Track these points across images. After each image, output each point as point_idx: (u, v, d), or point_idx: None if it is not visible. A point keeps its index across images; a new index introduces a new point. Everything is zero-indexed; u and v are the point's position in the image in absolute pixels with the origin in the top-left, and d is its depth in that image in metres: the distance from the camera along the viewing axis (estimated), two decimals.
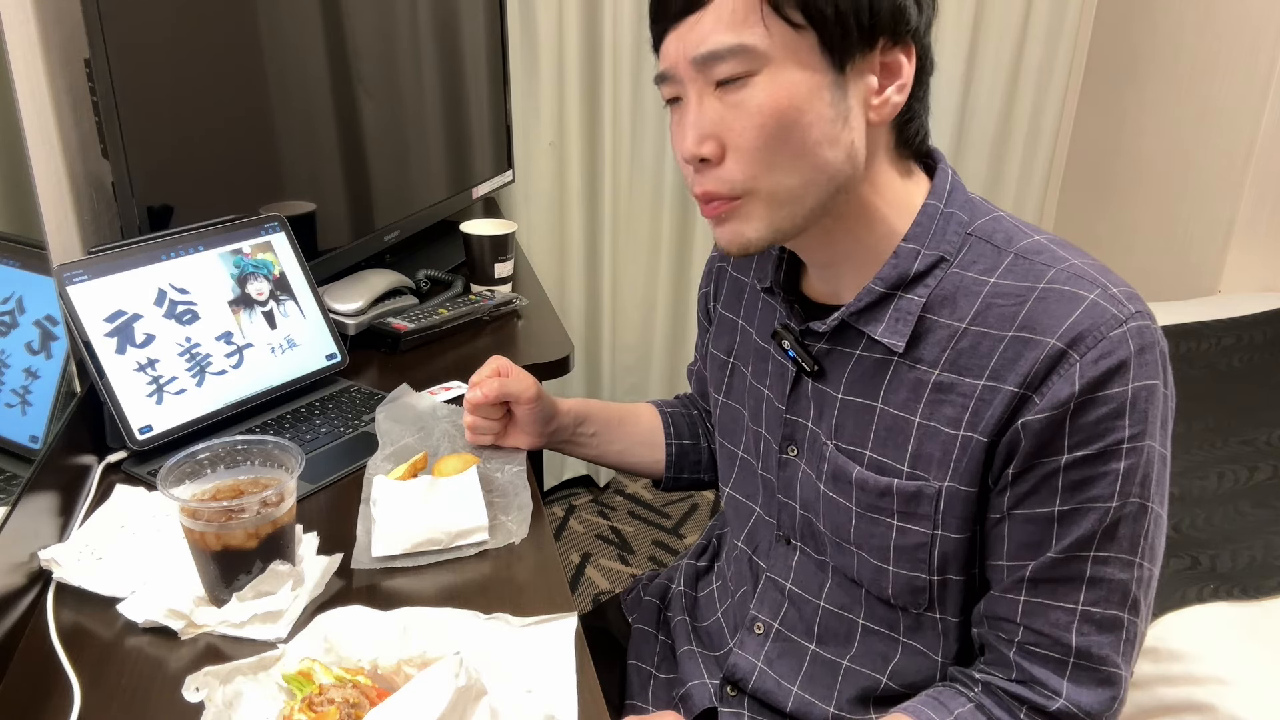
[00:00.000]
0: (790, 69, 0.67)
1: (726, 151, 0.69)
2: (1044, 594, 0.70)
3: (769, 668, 0.86)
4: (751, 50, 0.66)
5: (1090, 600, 0.69)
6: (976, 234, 0.74)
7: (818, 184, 0.70)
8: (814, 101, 0.67)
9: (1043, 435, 0.67)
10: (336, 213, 1.41)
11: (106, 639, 0.76)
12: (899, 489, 0.74)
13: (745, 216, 0.71)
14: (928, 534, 0.74)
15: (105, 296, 0.97)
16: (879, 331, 0.74)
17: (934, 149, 0.78)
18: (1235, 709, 1.10)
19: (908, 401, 0.74)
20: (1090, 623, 0.69)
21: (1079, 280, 0.68)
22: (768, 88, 0.67)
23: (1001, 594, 0.73)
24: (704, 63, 0.67)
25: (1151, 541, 0.69)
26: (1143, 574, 0.69)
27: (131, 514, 0.90)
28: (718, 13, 0.66)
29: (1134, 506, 0.67)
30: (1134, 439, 0.66)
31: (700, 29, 0.67)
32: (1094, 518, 0.67)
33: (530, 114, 2.10)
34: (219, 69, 1.16)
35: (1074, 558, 0.69)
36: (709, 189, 0.71)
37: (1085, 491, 0.67)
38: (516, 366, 1.00)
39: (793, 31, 0.66)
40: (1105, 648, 0.69)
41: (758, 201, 0.70)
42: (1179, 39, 2.30)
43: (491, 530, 0.88)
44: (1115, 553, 0.68)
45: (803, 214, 0.71)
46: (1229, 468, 1.56)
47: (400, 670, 0.67)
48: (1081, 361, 0.65)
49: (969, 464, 0.71)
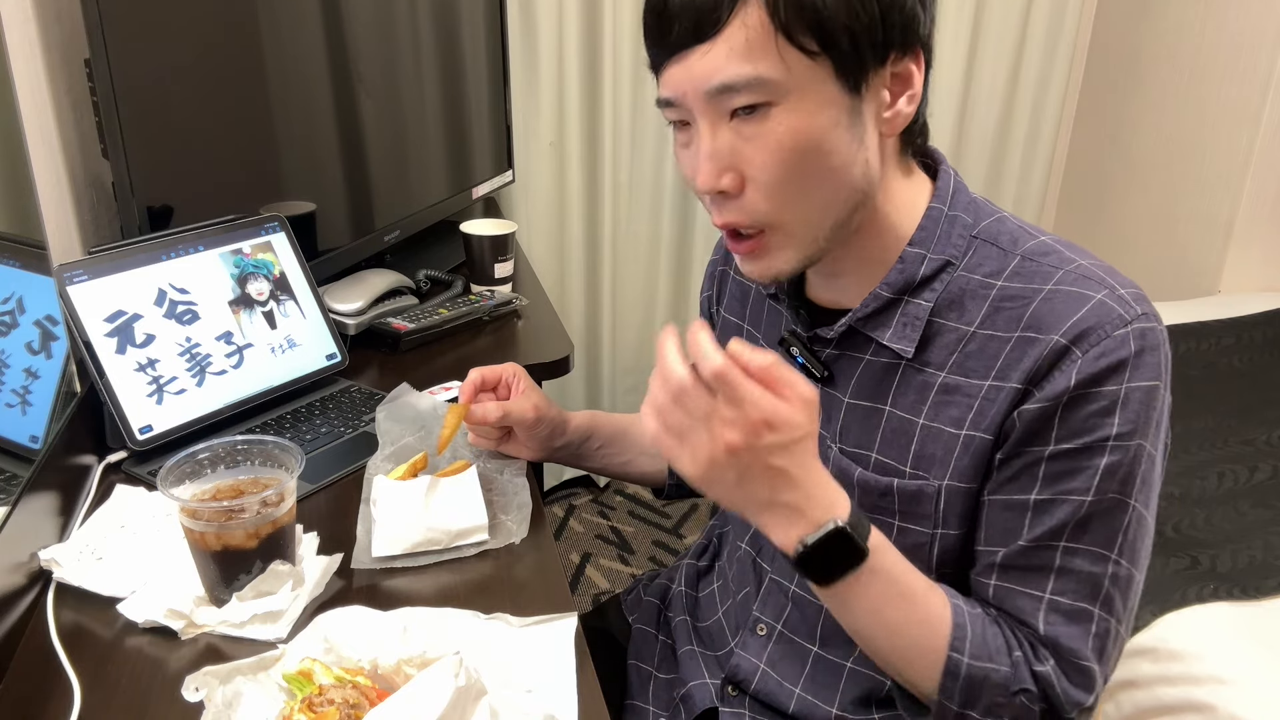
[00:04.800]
0: (809, 99, 0.65)
1: (746, 183, 0.68)
2: (1013, 580, 0.71)
3: (771, 669, 0.86)
4: (768, 82, 0.64)
5: (1057, 590, 0.69)
6: (982, 236, 0.74)
7: (837, 206, 0.70)
8: (833, 130, 0.66)
9: (1033, 424, 0.68)
10: (336, 213, 1.41)
11: (106, 639, 0.76)
12: (899, 489, 0.74)
13: (774, 249, 0.71)
14: (928, 533, 0.74)
15: (105, 296, 0.97)
16: (887, 337, 0.74)
17: (934, 149, 0.78)
18: (1235, 709, 1.11)
19: (914, 404, 0.74)
20: (1057, 612, 0.69)
21: (1086, 281, 0.69)
22: (787, 120, 0.65)
23: (975, 577, 0.73)
24: (718, 94, 0.65)
25: (1132, 540, 0.69)
26: (1119, 571, 0.69)
27: (131, 514, 0.90)
28: (730, 43, 0.64)
29: (1110, 502, 0.67)
30: (1121, 437, 0.66)
31: (711, 60, 0.65)
32: (1068, 509, 0.68)
33: (530, 114, 2.10)
34: (219, 69, 1.16)
35: (1044, 547, 0.69)
36: (731, 220, 0.70)
37: (1063, 483, 0.68)
38: (527, 381, 0.99)
39: (808, 60, 0.64)
40: (1074, 640, 0.69)
41: (783, 233, 0.70)
42: (1179, 39, 2.30)
43: (491, 530, 0.88)
44: (1087, 545, 0.68)
45: (825, 237, 0.71)
46: (1229, 468, 1.56)
47: (400, 670, 0.67)
48: (1083, 358, 0.66)
49: (970, 462, 0.71)
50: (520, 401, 0.96)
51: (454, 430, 0.93)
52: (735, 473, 0.63)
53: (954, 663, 0.68)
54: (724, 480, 0.64)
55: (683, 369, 0.62)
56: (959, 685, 0.68)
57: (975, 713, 0.69)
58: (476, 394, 0.97)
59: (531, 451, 1.00)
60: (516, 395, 0.97)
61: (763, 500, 0.65)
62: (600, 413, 1.06)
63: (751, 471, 0.63)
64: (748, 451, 0.61)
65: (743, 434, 0.61)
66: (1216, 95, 2.21)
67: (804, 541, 0.65)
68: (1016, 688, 0.68)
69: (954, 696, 0.69)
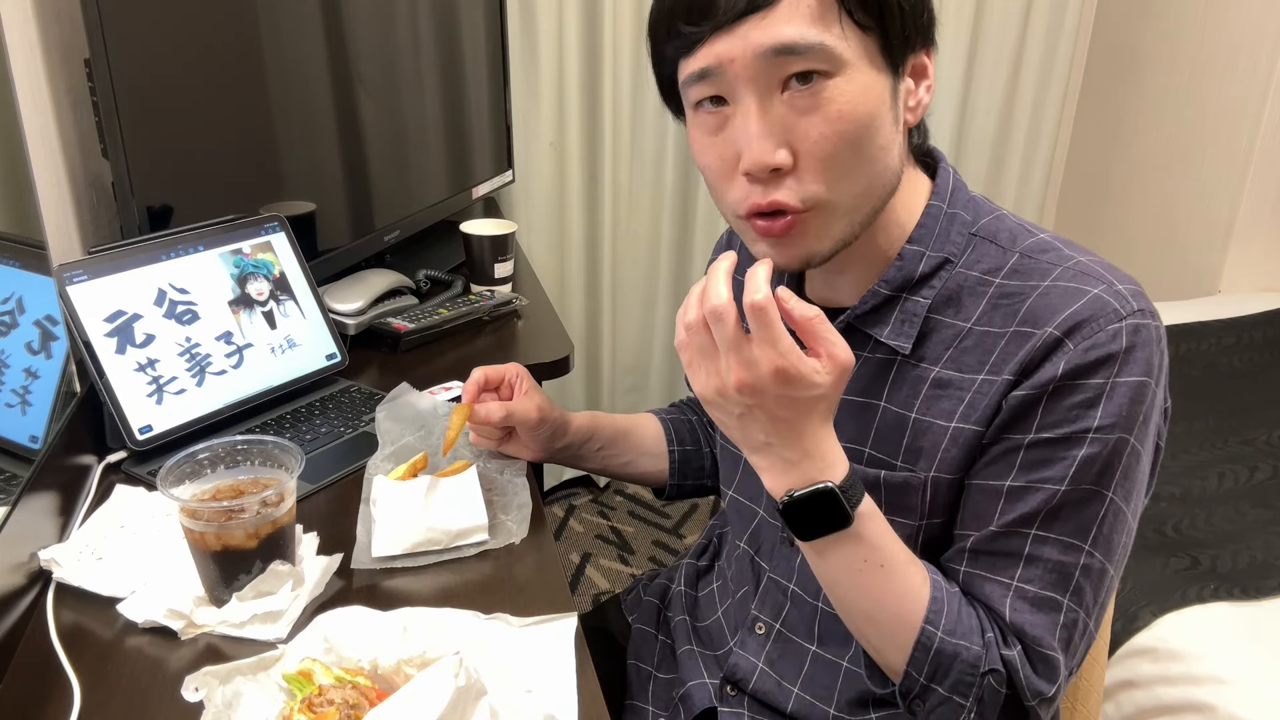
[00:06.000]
0: (862, 74, 0.65)
1: (798, 159, 0.66)
2: (982, 566, 0.71)
3: (770, 668, 0.86)
4: (830, 51, 0.63)
5: (1025, 578, 0.69)
6: (980, 233, 0.74)
7: (877, 190, 0.69)
8: (880, 108, 0.66)
9: (1017, 411, 0.68)
10: (336, 213, 1.41)
11: (106, 639, 0.76)
12: (886, 480, 0.74)
13: (811, 231, 0.68)
14: (914, 524, 0.75)
15: (105, 296, 0.97)
16: (885, 334, 0.75)
17: (933, 147, 0.78)
18: (1235, 709, 1.11)
19: (907, 398, 0.74)
20: (1024, 600, 0.69)
21: (1084, 276, 0.69)
22: (847, 92, 0.64)
23: (946, 562, 0.73)
24: (777, 56, 0.63)
25: (1106, 534, 0.69)
26: (1091, 563, 0.69)
27: (131, 514, 0.90)
28: (790, 10, 0.63)
29: (1085, 493, 0.67)
30: (1103, 430, 0.66)
31: (772, 24, 0.63)
32: (1040, 498, 0.68)
33: (530, 114, 2.10)
34: (219, 69, 1.16)
35: (1014, 534, 0.69)
36: (781, 199, 0.66)
37: (1039, 471, 0.68)
38: (530, 382, 0.98)
39: (861, 34, 0.64)
40: (1039, 628, 0.69)
41: (826, 213, 0.68)
42: (1179, 39, 2.30)
43: (491, 530, 0.88)
44: (1057, 534, 0.68)
45: (860, 221, 0.70)
46: (1229, 468, 1.56)
47: (400, 670, 0.67)
48: (1073, 350, 0.66)
49: (959, 454, 0.71)
50: (523, 402, 0.96)
51: (458, 430, 0.93)
52: (741, 409, 0.64)
53: (927, 635, 0.68)
54: (727, 411, 0.65)
55: (727, 292, 0.61)
56: (929, 658, 0.69)
57: (941, 688, 0.69)
58: (480, 393, 0.97)
59: (532, 452, 1.00)
60: (519, 396, 0.97)
61: (758, 443, 0.66)
62: (601, 414, 1.06)
63: (754, 414, 0.64)
64: (756, 394, 0.62)
65: (757, 376, 0.61)
66: (1217, 95, 2.21)
67: (791, 493, 0.66)
68: (986, 668, 0.68)
69: (923, 669, 0.69)
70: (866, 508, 0.68)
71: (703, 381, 0.65)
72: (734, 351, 0.62)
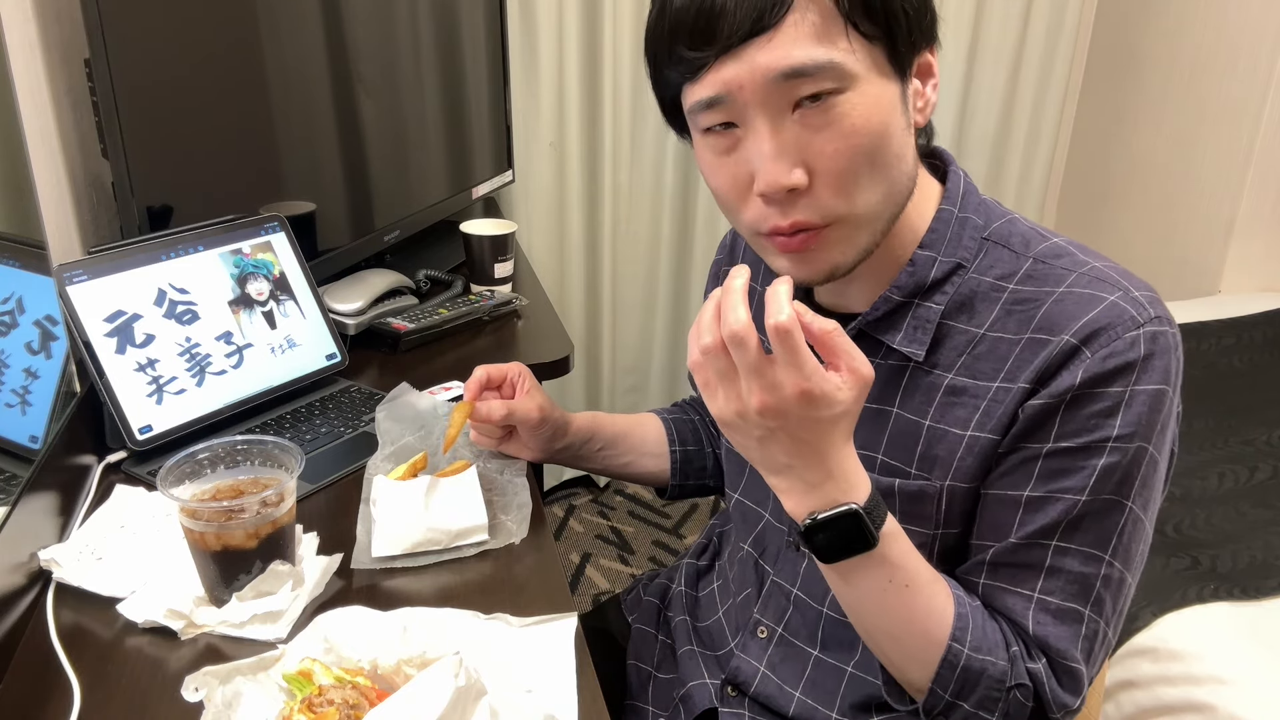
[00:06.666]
0: (873, 84, 0.64)
1: (814, 177, 0.65)
2: (1003, 578, 0.70)
3: (772, 672, 0.85)
4: (840, 68, 0.62)
5: (1047, 589, 0.68)
6: (993, 238, 0.74)
7: (895, 196, 0.69)
8: (892, 115, 0.66)
9: (1035, 420, 0.67)
10: (336, 213, 1.40)
11: (106, 639, 0.76)
12: (901, 489, 0.74)
13: (834, 243, 0.68)
14: (929, 534, 0.74)
15: (105, 296, 0.97)
16: (897, 341, 0.74)
17: (942, 150, 0.78)
18: (1235, 709, 1.11)
19: (921, 405, 0.74)
20: (1046, 612, 0.69)
21: (1100, 283, 0.68)
22: (860, 105, 0.64)
23: (964, 575, 0.73)
24: (787, 80, 0.62)
25: (1126, 543, 0.68)
26: (1112, 573, 0.68)
27: (131, 514, 0.90)
28: (796, 29, 0.62)
29: (1106, 503, 0.67)
30: (1122, 439, 0.66)
31: (777, 47, 0.62)
32: (1061, 508, 0.67)
33: (530, 114, 2.10)
34: (219, 69, 1.16)
35: (1035, 545, 0.68)
36: (802, 219, 0.66)
37: (1058, 481, 0.67)
38: (532, 381, 0.98)
39: (867, 44, 0.64)
40: (1064, 641, 0.68)
41: (848, 225, 0.67)
42: (1179, 39, 2.30)
43: (491, 530, 0.88)
44: (1079, 545, 0.68)
45: (881, 229, 0.69)
46: (1229, 468, 1.56)
47: (400, 670, 0.67)
48: (1091, 358, 0.65)
49: (974, 462, 0.71)
50: (525, 401, 0.96)
51: (459, 429, 0.93)
52: (762, 431, 0.62)
53: (954, 653, 0.68)
54: (747, 434, 0.63)
55: (746, 314, 0.59)
56: (956, 675, 0.68)
57: (967, 704, 0.68)
58: (482, 392, 0.97)
59: (533, 452, 1.00)
60: (521, 395, 0.97)
61: (779, 465, 0.64)
62: (602, 414, 1.06)
63: (776, 436, 0.62)
64: (779, 417, 0.60)
65: (780, 399, 0.59)
66: (1216, 94, 2.21)
67: (814, 515, 0.64)
68: (1012, 683, 0.68)
69: (948, 686, 0.68)
70: (890, 527, 0.66)
71: (721, 404, 0.62)
72: (756, 375, 0.59)
